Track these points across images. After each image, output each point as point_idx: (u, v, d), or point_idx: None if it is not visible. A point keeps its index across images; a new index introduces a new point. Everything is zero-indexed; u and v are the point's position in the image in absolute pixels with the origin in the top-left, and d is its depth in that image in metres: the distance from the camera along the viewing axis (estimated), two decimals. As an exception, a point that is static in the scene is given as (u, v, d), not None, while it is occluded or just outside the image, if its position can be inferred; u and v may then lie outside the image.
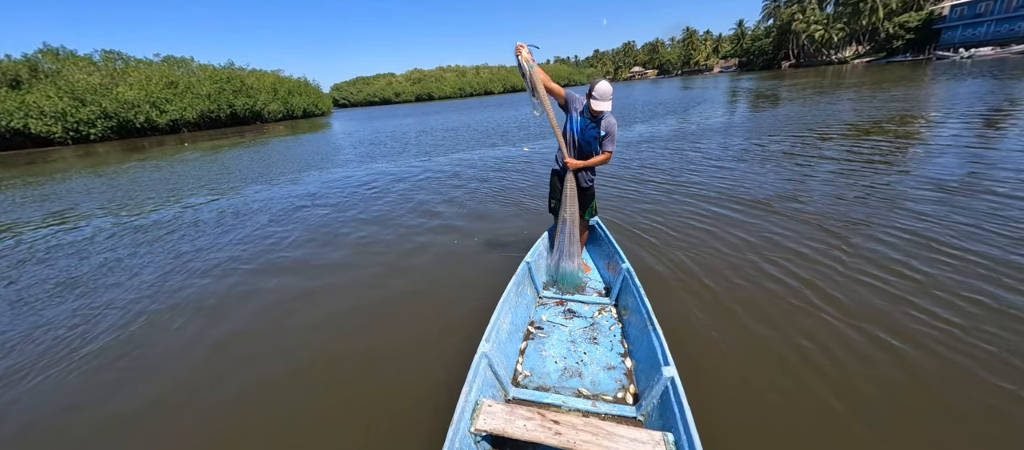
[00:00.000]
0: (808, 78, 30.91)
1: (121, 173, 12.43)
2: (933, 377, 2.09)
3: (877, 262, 3.18)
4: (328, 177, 9.08)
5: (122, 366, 2.79)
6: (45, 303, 3.80)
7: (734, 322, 2.66)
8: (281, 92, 44.23)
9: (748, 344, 2.45)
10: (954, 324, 2.43)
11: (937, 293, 2.73)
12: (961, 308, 2.56)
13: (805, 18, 60.85)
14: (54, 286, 4.17)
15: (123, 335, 3.15)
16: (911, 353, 2.26)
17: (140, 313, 3.47)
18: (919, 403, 1.97)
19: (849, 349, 2.34)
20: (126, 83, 32.17)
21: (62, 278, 4.36)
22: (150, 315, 3.43)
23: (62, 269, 4.63)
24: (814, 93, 18.09)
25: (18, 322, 3.47)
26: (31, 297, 3.96)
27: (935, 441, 1.78)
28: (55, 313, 3.57)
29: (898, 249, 3.34)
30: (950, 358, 2.20)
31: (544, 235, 3.40)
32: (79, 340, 3.11)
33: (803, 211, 3.44)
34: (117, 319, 3.39)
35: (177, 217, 6.52)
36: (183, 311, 3.46)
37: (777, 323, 2.61)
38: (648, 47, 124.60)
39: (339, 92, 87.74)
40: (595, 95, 2.53)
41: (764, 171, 6.18)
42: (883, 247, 3.40)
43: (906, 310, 2.61)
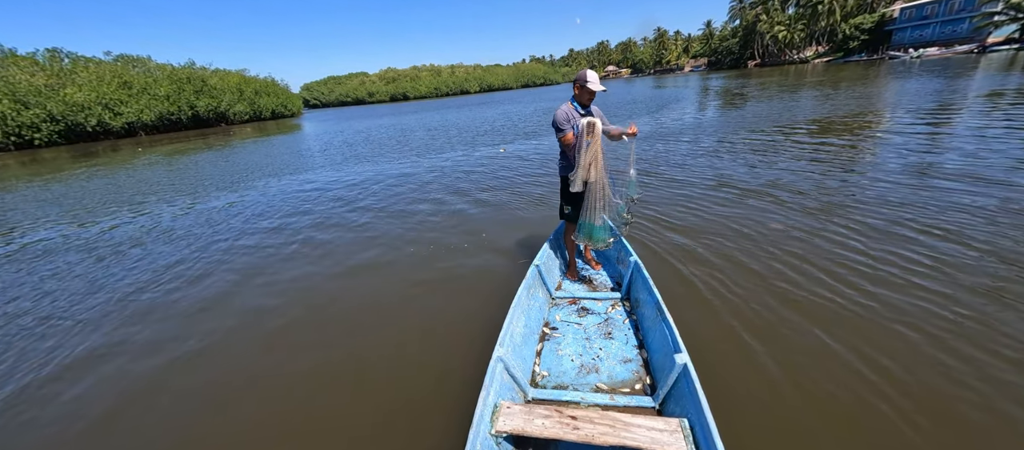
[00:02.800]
0: (773, 77, 32.19)
1: (61, 182, 11.57)
2: (943, 357, 2.18)
3: (868, 252, 3.32)
4: (304, 182, 8.71)
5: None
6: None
7: (742, 308, 2.78)
8: (247, 92, 42.48)
9: (757, 328, 2.57)
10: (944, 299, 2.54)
11: (943, 277, 2.84)
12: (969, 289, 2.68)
13: (769, 19, 63.32)
14: (-18, 312, 3.79)
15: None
16: (912, 337, 2.35)
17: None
18: (929, 381, 2.06)
19: (856, 334, 2.44)
20: (75, 84, 30.06)
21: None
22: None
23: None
24: (781, 91, 18.81)
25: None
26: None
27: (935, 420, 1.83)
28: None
29: (879, 236, 3.47)
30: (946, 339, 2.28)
31: (550, 238, 3.42)
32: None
33: (773, 221, 3.61)
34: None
35: (109, 232, 6.10)
36: (119, 350, 3.20)
37: (782, 308, 2.75)
38: (621, 46, 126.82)
39: (310, 92, 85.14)
40: (589, 81, 2.68)
41: (750, 163, 6.42)
42: (863, 238, 3.52)
43: (910, 294, 2.75)
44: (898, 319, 2.54)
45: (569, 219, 3.11)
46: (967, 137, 6.90)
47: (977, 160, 5.51)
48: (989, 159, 5.50)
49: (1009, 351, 2.21)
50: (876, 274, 3.05)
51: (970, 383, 2.05)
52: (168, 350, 2.99)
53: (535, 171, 7.64)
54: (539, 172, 7.52)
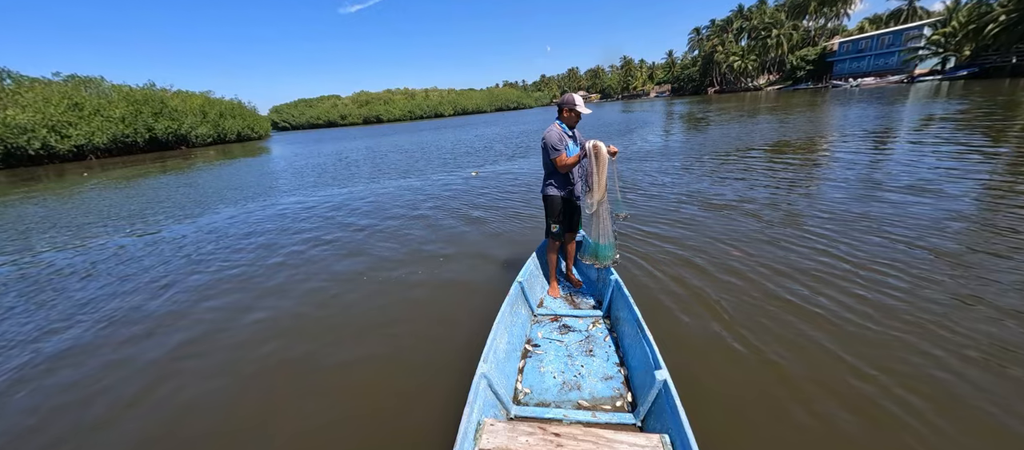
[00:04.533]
0: (731, 102, 34.35)
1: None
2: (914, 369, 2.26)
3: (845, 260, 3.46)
4: (268, 206, 8.36)
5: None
6: None
7: (719, 323, 2.84)
8: (211, 115, 41.00)
9: (734, 345, 2.61)
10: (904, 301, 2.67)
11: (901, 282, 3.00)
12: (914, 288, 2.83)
13: (725, 50, 67.99)
14: None
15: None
16: (884, 354, 2.43)
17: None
18: (903, 379, 2.14)
19: (835, 342, 2.54)
20: (17, 105, 28.08)
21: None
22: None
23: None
24: (741, 116, 20.04)
25: None
26: None
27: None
28: None
29: (843, 244, 3.66)
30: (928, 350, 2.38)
31: (533, 255, 3.42)
32: None
33: (735, 245, 3.79)
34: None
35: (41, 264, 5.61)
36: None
37: (759, 321, 2.82)
38: (590, 73, 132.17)
39: (280, 115, 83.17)
40: (577, 104, 2.84)
41: (720, 183, 6.69)
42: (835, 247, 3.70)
43: (880, 295, 2.86)
44: (874, 323, 2.69)
45: (556, 237, 3.14)
46: (907, 153, 7.56)
47: (915, 173, 6.03)
48: (923, 173, 6.02)
49: (972, 349, 2.37)
50: (848, 282, 3.21)
51: (929, 374, 2.18)
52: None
53: (513, 191, 7.69)
54: (517, 192, 7.57)
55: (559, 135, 2.87)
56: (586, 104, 2.92)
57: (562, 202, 3.07)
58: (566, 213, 3.11)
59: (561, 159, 2.86)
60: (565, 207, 3.09)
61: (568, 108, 2.85)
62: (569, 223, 3.18)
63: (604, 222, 2.88)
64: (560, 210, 3.08)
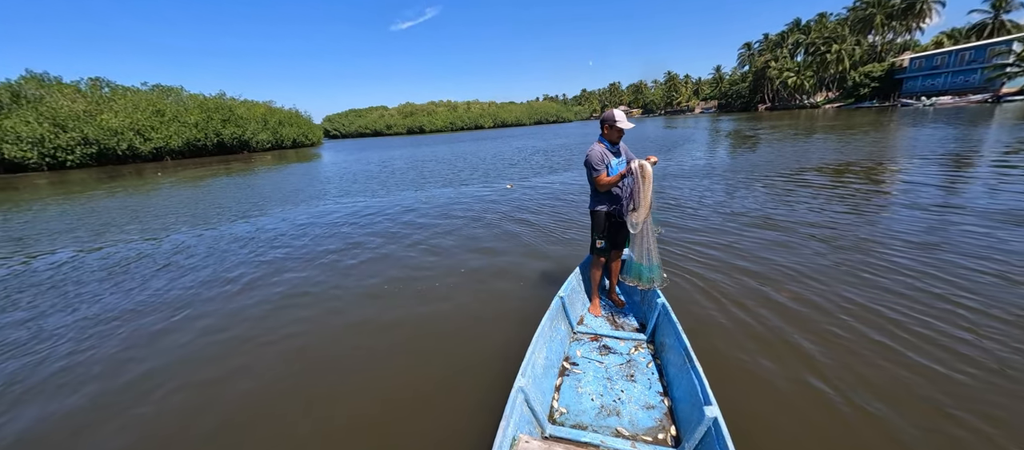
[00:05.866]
0: (784, 120, 32.48)
1: (76, 204, 11.92)
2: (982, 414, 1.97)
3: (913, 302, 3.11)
4: (319, 210, 8.82)
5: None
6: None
7: (778, 361, 2.62)
8: (271, 122, 44.25)
9: (794, 384, 2.41)
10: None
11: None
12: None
13: (778, 66, 64.78)
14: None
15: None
16: (953, 402, 2.14)
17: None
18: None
19: (899, 391, 2.26)
20: (111, 110, 31.77)
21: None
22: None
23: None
24: (795, 134, 18.87)
25: None
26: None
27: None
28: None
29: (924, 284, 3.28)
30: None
31: (576, 270, 3.35)
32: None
33: (784, 286, 3.50)
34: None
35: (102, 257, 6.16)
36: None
37: (822, 362, 2.57)
38: (632, 88, 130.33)
39: (331, 123, 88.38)
40: (618, 120, 2.79)
41: (776, 206, 6.28)
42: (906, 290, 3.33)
43: (947, 342, 2.54)
44: (949, 371, 2.35)
45: (600, 253, 3.08)
46: (997, 179, 6.74)
47: (1010, 201, 5.33)
48: (1013, 203, 5.31)
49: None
50: (917, 325, 2.86)
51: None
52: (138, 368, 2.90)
53: (550, 204, 7.62)
54: (554, 205, 7.49)
55: (600, 154, 2.84)
56: (628, 119, 2.86)
57: (607, 218, 3.01)
58: (612, 230, 3.04)
59: (601, 178, 2.84)
60: (611, 223, 3.02)
61: (609, 124, 2.82)
62: (615, 240, 3.10)
63: (649, 242, 2.80)
64: (605, 226, 3.02)
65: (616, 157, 2.92)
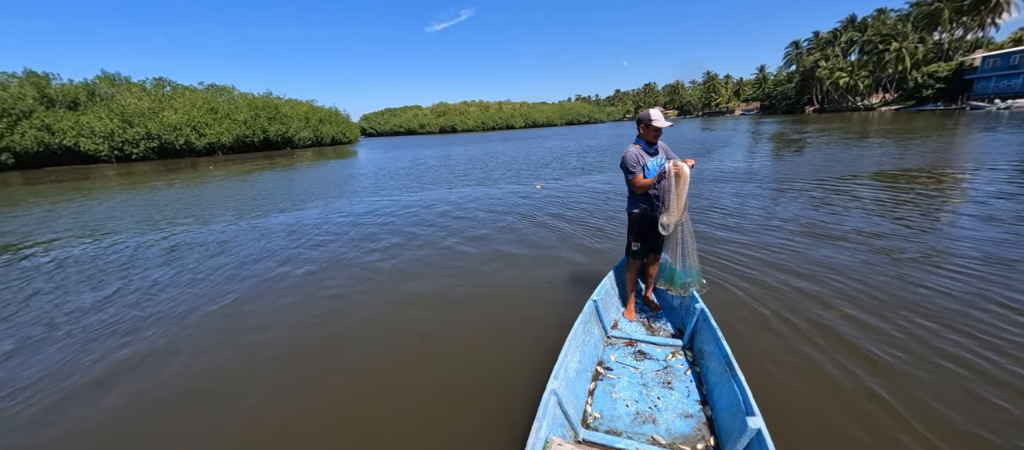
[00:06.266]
0: (834, 123, 30.48)
1: (149, 190, 12.92)
2: None
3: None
4: (355, 206, 9.14)
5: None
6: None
7: (828, 374, 2.48)
8: (313, 120, 46.31)
9: (839, 395, 2.28)
10: None
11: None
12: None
13: (829, 65, 60.86)
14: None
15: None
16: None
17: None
18: None
19: (957, 405, 2.11)
20: (171, 108, 34.34)
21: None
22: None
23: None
24: (846, 138, 17.67)
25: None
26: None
27: None
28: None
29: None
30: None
31: (610, 273, 3.30)
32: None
33: (834, 298, 3.26)
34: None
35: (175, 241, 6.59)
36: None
37: (877, 380, 2.40)
38: (668, 88, 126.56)
39: (368, 122, 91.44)
40: (655, 119, 2.70)
41: (822, 211, 5.91)
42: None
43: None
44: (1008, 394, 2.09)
45: (636, 256, 3.02)
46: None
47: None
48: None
49: None
50: (981, 337, 2.58)
51: None
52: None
53: (583, 206, 7.51)
54: (586, 206, 7.38)
55: (636, 155, 2.77)
56: (665, 118, 2.78)
57: (644, 220, 2.93)
58: (648, 232, 2.94)
59: (638, 180, 2.77)
60: (647, 226, 2.93)
61: (645, 124, 2.74)
62: (652, 243, 3.01)
63: (686, 246, 2.72)
64: (641, 229, 2.94)
65: (653, 157, 2.83)
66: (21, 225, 8.63)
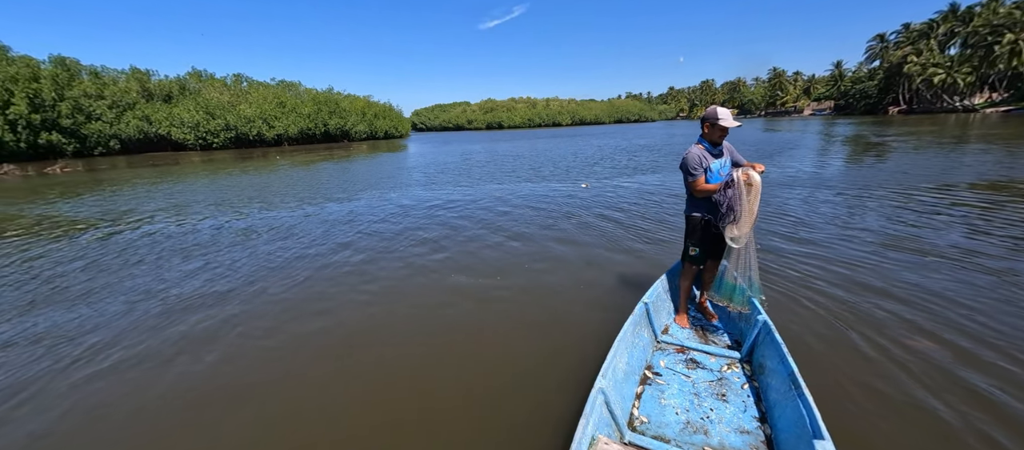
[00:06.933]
0: (924, 126, 27.05)
1: (226, 176, 14.26)
2: None
3: None
4: (404, 198, 9.53)
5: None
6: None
7: (907, 401, 2.25)
8: (368, 115, 48.83)
9: (931, 430, 2.07)
10: None
11: None
12: None
13: (921, 60, 54.09)
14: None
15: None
16: None
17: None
18: None
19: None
20: (247, 101, 37.70)
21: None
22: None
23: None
24: (940, 143, 15.64)
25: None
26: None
27: None
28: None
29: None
30: None
31: (663, 277, 3.22)
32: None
33: (911, 338, 2.86)
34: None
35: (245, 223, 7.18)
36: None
37: (973, 408, 2.17)
38: (728, 86, 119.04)
39: (419, 117, 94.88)
40: (721, 117, 2.54)
41: (908, 223, 5.31)
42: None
43: None
44: None
45: (694, 261, 2.87)
46: None
47: None
48: None
49: None
50: None
51: None
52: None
53: (642, 206, 7.27)
54: (636, 208, 7.14)
55: (699, 156, 2.60)
56: (733, 117, 2.59)
57: (705, 225, 2.77)
58: (709, 238, 2.79)
59: (699, 184, 2.61)
60: (709, 231, 2.77)
61: (710, 122, 2.57)
62: (712, 250, 2.84)
63: (750, 259, 2.56)
64: (702, 234, 2.78)
65: (717, 159, 2.66)
66: (124, 204, 9.88)
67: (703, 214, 2.75)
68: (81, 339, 3.31)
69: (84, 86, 29.80)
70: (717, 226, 2.68)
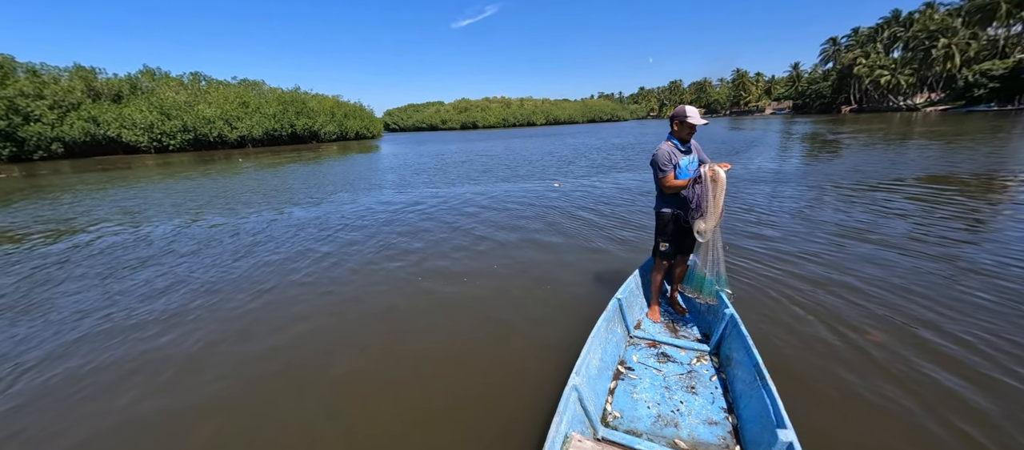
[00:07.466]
0: (873, 124, 28.92)
1: (184, 180, 13.46)
2: None
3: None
4: (377, 200, 9.26)
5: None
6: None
7: (853, 393, 2.33)
8: (338, 115, 47.42)
9: (879, 410, 2.16)
10: None
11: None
12: None
13: (869, 62, 57.82)
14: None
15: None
16: None
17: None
18: None
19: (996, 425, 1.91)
20: (206, 101, 35.80)
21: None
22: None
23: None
24: (888, 140, 16.72)
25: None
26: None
27: None
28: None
29: None
30: None
31: (635, 273, 3.25)
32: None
33: (869, 331, 3.01)
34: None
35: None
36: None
37: (912, 387, 2.29)
38: (695, 86, 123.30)
39: (391, 117, 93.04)
40: (689, 116, 2.60)
41: (862, 217, 5.56)
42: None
43: None
44: None
45: (664, 256, 2.92)
46: None
47: None
48: None
49: None
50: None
51: None
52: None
53: (604, 204, 7.35)
54: (608, 205, 7.22)
55: (668, 153, 2.68)
56: (700, 116, 2.67)
57: (675, 221, 2.82)
58: (678, 234, 2.85)
59: (668, 180, 2.68)
60: (678, 227, 2.83)
61: (679, 120, 2.64)
62: (681, 245, 2.90)
63: (717, 253, 2.65)
64: (671, 230, 2.84)
65: (686, 156, 2.73)
66: (67, 212, 9.14)
67: (673, 210, 2.81)
68: (10, 361, 3.00)
69: (20, 85, 27.46)
70: (686, 222, 2.75)
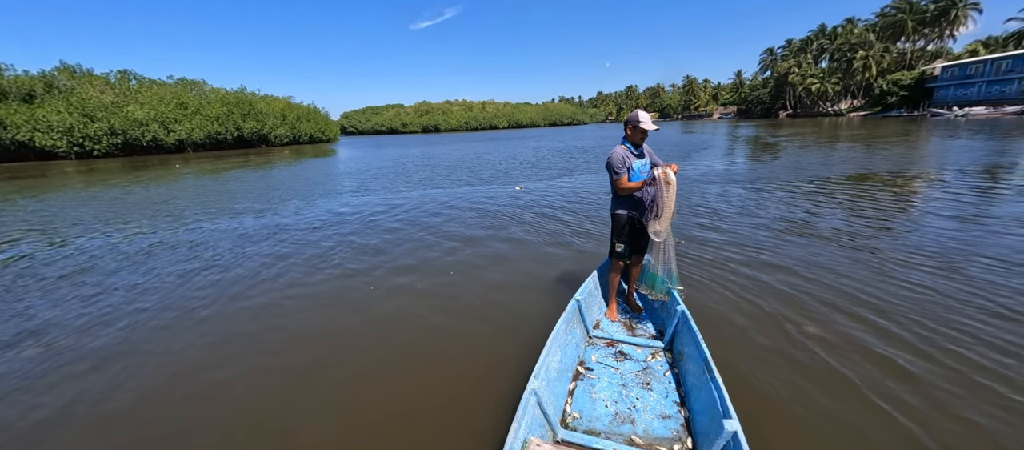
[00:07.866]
0: (807, 128, 31.63)
1: (111, 188, 12.20)
2: None
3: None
4: (335, 207, 8.83)
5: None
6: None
7: (805, 374, 2.49)
8: (290, 117, 44.99)
9: (814, 401, 2.28)
10: None
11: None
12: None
13: (801, 72, 63.22)
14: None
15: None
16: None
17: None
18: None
19: (935, 403, 2.10)
20: (137, 102, 32.70)
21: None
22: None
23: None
24: (819, 142, 18.30)
25: None
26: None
27: None
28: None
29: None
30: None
31: (594, 274, 3.31)
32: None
33: (816, 308, 3.26)
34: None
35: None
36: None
37: (845, 378, 2.42)
38: (650, 91, 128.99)
39: (348, 120, 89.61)
40: (642, 121, 2.69)
41: (800, 214, 5.98)
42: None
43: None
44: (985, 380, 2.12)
45: (619, 257, 2.99)
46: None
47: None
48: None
49: None
50: (951, 332, 2.62)
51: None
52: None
53: (566, 207, 7.46)
54: (570, 208, 7.33)
55: (622, 156, 2.77)
56: (652, 121, 2.78)
57: (629, 222, 2.91)
58: (633, 234, 2.94)
59: (622, 182, 2.77)
60: (632, 228, 2.92)
61: (632, 125, 2.75)
62: (636, 245, 3.00)
63: (669, 252, 2.77)
64: (626, 231, 2.92)
65: (639, 159, 2.83)
66: (-34, 225, 7.97)
67: (628, 211, 2.89)
68: None
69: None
70: (641, 222, 2.83)
